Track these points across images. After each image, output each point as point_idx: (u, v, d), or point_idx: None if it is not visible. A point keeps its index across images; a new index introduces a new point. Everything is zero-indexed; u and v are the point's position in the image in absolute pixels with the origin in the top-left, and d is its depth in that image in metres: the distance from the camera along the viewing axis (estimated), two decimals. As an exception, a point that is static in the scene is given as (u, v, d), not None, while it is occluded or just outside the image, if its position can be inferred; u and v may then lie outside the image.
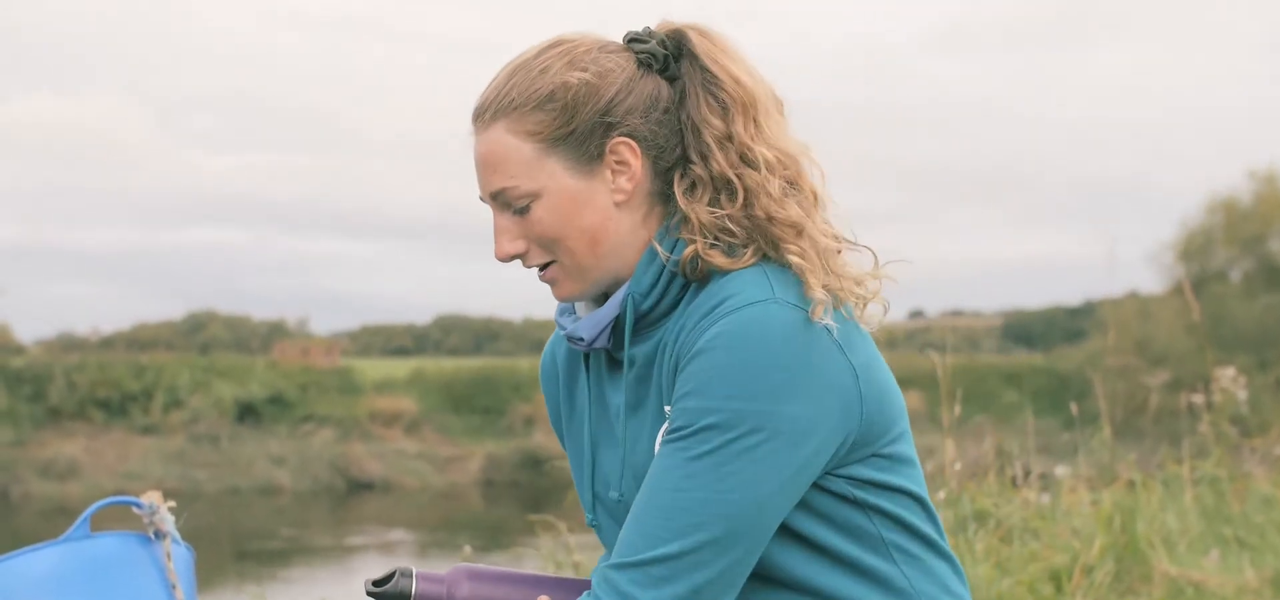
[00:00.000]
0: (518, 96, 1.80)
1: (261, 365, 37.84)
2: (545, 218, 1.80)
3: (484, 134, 1.82)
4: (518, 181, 1.80)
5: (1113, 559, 5.57)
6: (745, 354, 1.68)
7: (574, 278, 1.83)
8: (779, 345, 1.68)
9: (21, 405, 33.71)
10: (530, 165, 1.80)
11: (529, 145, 1.80)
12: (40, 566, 1.99)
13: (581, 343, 1.86)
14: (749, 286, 1.73)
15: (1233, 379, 6.97)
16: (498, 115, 1.81)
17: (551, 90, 1.79)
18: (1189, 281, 8.86)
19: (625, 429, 1.84)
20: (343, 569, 23.36)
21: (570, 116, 1.79)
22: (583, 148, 1.80)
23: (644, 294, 1.81)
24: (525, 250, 1.83)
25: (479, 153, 1.83)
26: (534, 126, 1.79)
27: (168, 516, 2.06)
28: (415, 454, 35.81)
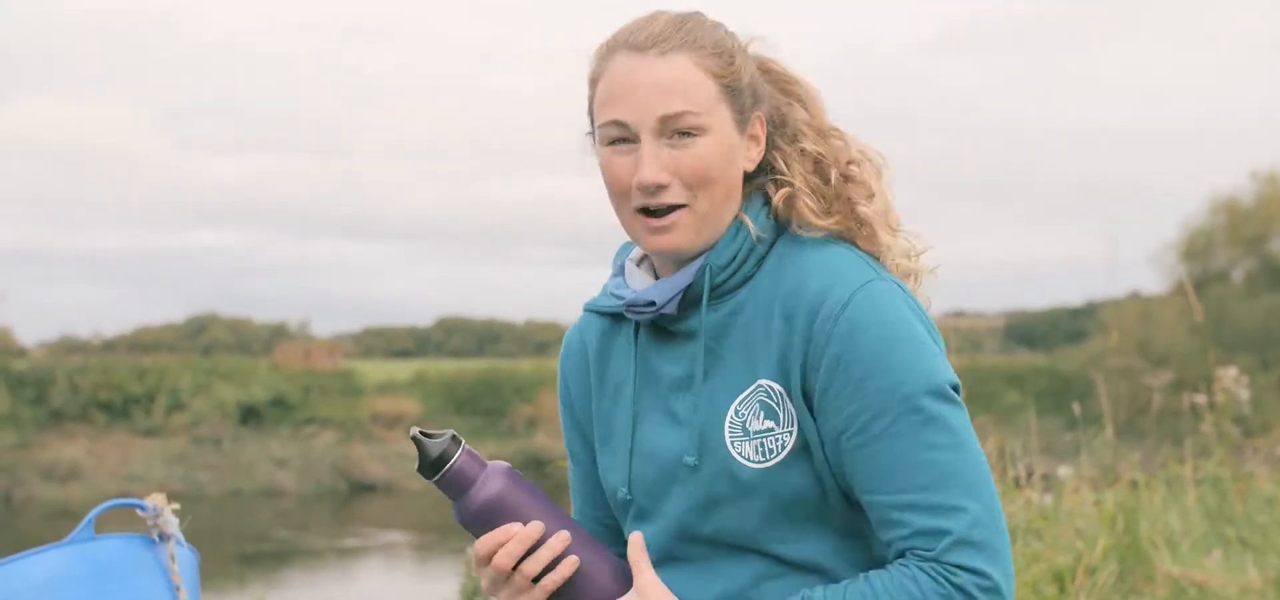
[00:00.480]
0: (699, 39, 1.86)
1: (264, 368, 37.87)
2: (707, 154, 1.84)
3: (663, 59, 1.84)
4: (698, 110, 1.84)
5: (1116, 559, 5.57)
6: (893, 327, 1.79)
7: (696, 228, 1.86)
8: (906, 313, 1.81)
9: (24, 408, 33.73)
10: (710, 101, 1.85)
11: (711, 83, 1.85)
12: (45, 569, 1.99)
13: (650, 308, 1.89)
14: (848, 265, 1.84)
15: (1235, 379, 6.96)
16: (682, 47, 1.85)
17: (729, 47, 1.88)
18: (1191, 282, 8.87)
19: (699, 396, 1.86)
20: (344, 571, 23.36)
21: (738, 76, 1.87)
22: (741, 109, 1.88)
23: (721, 266, 1.87)
24: (668, 183, 1.84)
25: (655, 74, 1.83)
26: (716, 69, 1.86)
27: (171, 519, 2.07)
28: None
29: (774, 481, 1.83)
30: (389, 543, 26.64)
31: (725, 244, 1.87)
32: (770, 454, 1.83)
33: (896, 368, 1.77)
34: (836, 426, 1.80)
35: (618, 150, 1.86)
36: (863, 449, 1.79)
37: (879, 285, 1.81)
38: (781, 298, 1.84)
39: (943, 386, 1.79)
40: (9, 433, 32.88)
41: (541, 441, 35.97)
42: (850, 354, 1.78)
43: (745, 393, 1.84)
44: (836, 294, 1.80)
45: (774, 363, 1.83)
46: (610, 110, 1.85)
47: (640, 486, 1.92)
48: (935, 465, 1.77)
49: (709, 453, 1.85)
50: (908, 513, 1.77)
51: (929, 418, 1.77)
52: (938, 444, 1.77)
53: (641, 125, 1.84)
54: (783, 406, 1.83)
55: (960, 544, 1.75)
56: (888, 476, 1.78)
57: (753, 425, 1.84)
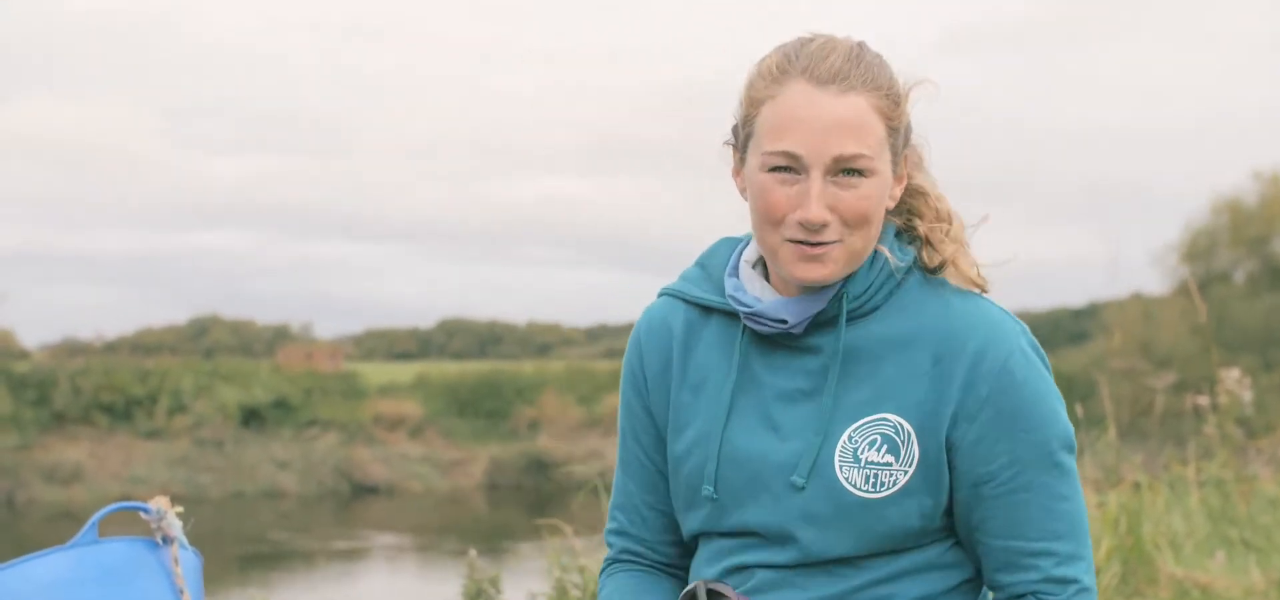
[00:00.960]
0: (876, 78, 1.87)
1: (266, 369, 37.88)
2: (870, 196, 1.85)
3: (845, 97, 1.84)
4: (871, 154, 1.85)
5: (1119, 561, 5.56)
6: (1045, 384, 1.91)
7: (845, 262, 1.87)
8: (1047, 373, 1.93)
9: (26, 410, 33.74)
10: (879, 144, 1.86)
11: (882, 126, 1.87)
12: (49, 572, 1.99)
13: (780, 325, 1.90)
14: (1000, 319, 1.92)
15: (1238, 380, 6.95)
16: (862, 87, 1.85)
17: (898, 91, 1.90)
18: (1193, 283, 8.85)
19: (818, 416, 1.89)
20: (346, 573, 23.37)
21: (902, 117, 1.90)
22: (896, 149, 1.90)
23: (856, 295, 1.90)
24: (830, 222, 1.85)
25: (835, 114, 1.83)
26: (887, 111, 1.87)
27: (175, 522, 2.06)
28: (419, 458, 35.83)
29: (875, 514, 1.87)
30: (391, 544, 26.64)
31: (862, 273, 1.90)
32: (882, 487, 1.87)
33: (1044, 424, 1.88)
34: (981, 474, 1.88)
35: (780, 178, 1.85)
36: (1006, 497, 1.89)
37: (1026, 341, 1.92)
38: (930, 340, 1.89)
39: (1072, 441, 1.92)
40: (11, 434, 32.89)
41: (544, 443, 35.98)
42: (1009, 409, 1.87)
43: (863, 421, 1.87)
44: (998, 350, 1.88)
45: (912, 402, 1.87)
46: (782, 140, 1.84)
47: (726, 488, 1.93)
48: (1066, 516, 1.90)
49: (816, 473, 1.87)
50: (1041, 559, 1.89)
51: (1064, 472, 1.90)
52: (1068, 496, 1.91)
53: (814, 162, 1.83)
54: (908, 445, 1.87)
55: (1083, 592, 1.91)
56: (1025, 524, 1.89)
57: (866, 455, 1.87)
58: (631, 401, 2.05)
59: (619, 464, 2.08)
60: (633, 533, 2.07)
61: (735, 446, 1.92)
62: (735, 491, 1.92)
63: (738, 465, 1.91)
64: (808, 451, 1.87)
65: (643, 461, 2.05)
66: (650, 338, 2.03)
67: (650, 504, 2.05)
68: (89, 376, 35.05)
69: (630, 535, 2.07)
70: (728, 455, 1.92)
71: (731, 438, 1.92)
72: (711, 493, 1.93)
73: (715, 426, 1.93)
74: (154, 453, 33.89)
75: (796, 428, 1.89)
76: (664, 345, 2.02)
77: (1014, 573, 1.90)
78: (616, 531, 2.09)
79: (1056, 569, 1.89)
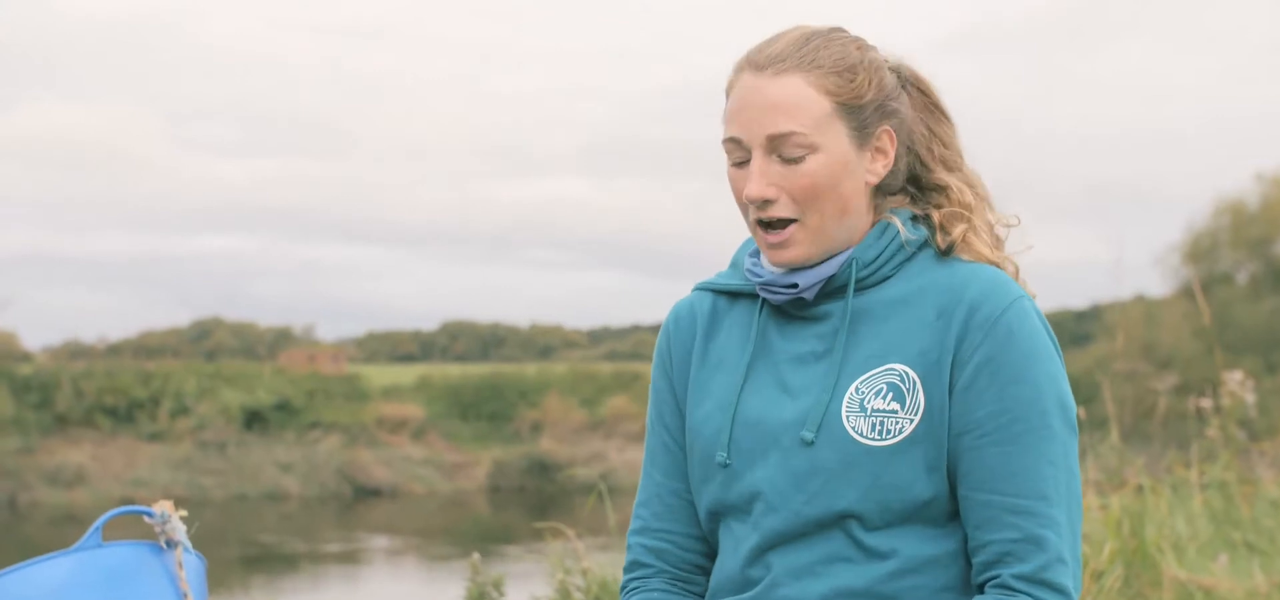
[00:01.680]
0: (819, 57, 1.94)
1: (268, 372, 37.90)
2: (817, 173, 1.92)
3: (777, 79, 1.93)
4: (806, 131, 1.92)
5: (1122, 564, 5.56)
6: (1043, 344, 1.91)
7: (809, 242, 1.94)
8: (1049, 338, 1.94)
9: (29, 413, 33.76)
10: (820, 121, 1.92)
11: (824, 102, 1.93)
12: (53, 576, 1.99)
13: (792, 289, 1.96)
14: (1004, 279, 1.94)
15: (1240, 383, 6.95)
16: (797, 67, 1.93)
17: (852, 63, 1.95)
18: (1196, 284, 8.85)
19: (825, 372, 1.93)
20: (349, 575, 23.37)
21: (860, 92, 1.95)
22: (862, 124, 1.95)
23: (867, 262, 1.95)
24: (776, 198, 1.93)
25: (766, 95, 1.92)
26: (832, 87, 1.93)
27: (180, 525, 2.06)
28: (422, 460, 35.84)
29: (881, 463, 1.89)
30: (394, 547, 26.64)
31: (872, 241, 1.96)
32: (887, 434, 1.89)
33: (1038, 380, 1.89)
34: (968, 422, 1.89)
35: (737, 168, 1.96)
36: (989, 448, 1.88)
37: (1030, 303, 1.94)
38: (934, 296, 1.93)
39: (1070, 410, 1.92)
40: (14, 437, 32.91)
41: (546, 446, 35.98)
42: (1000, 358, 1.88)
43: (871, 373, 1.91)
44: (995, 300, 1.90)
45: (916, 351, 1.91)
46: (729, 127, 1.96)
47: (738, 452, 1.97)
48: (1050, 479, 1.88)
49: (825, 427, 1.91)
50: (1020, 518, 1.87)
51: (1054, 435, 1.88)
52: (1056, 461, 1.88)
53: (752, 142, 1.93)
54: (913, 393, 1.90)
55: (1060, 562, 1.86)
56: (1005, 478, 1.88)
57: (872, 403, 1.90)
58: (660, 387, 2.11)
59: (646, 458, 2.12)
60: (657, 528, 2.08)
61: (748, 410, 1.97)
62: (747, 454, 1.96)
63: (750, 427, 1.96)
64: (816, 407, 1.92)
65: (669, 446, 2.08)
66: (677, 324, 2.11)
67: (677, 491, 2.08)
68: (91, 379, 35.07)
69: (655, 531, 2.08)
70: (741, 419, 1.97)
71: (745, 403, 1.98)
72: (725, 458, 1.97)
73: (731, 395, 1.99)
74: (156, 455, 33.90)
75: (806, 387, 1.94)
76: (688, 332, 2.09)
77: (991, 530, 1.88)
78: (640, 530, 2.10)
79: (1036, 529, 1.86)
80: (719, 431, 1.99)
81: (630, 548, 2.10)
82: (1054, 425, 1.88)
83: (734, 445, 1.97)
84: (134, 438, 34.41)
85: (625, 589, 2.10)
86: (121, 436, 34.32)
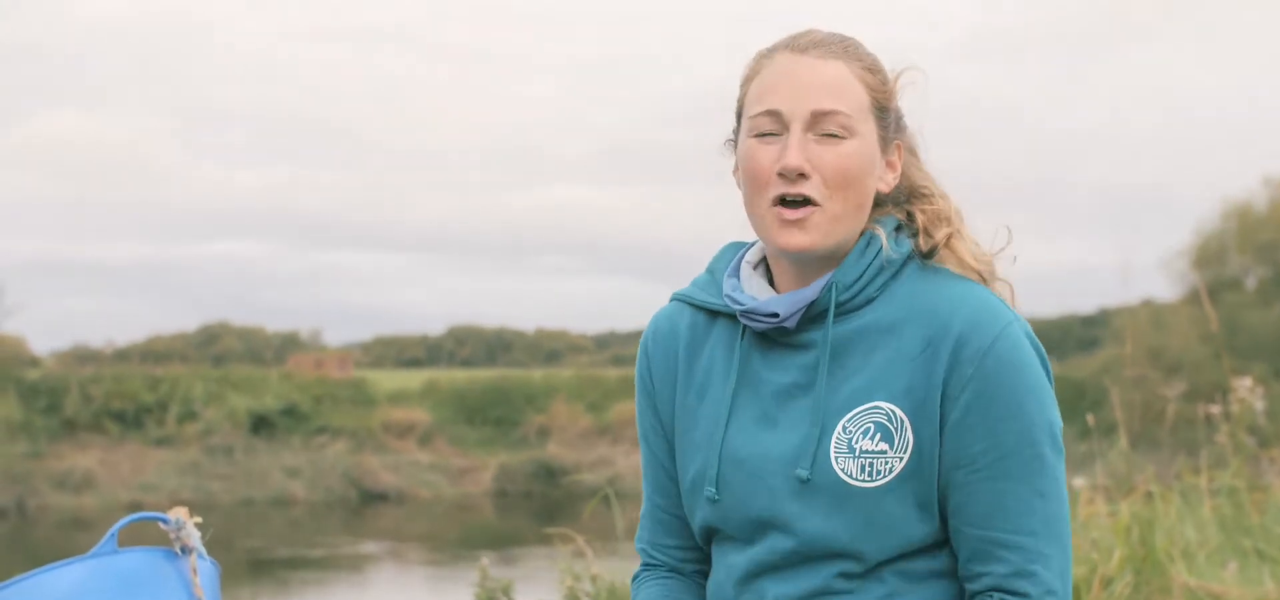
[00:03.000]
0: (860, 53, 1.95)
1: (275, 377, 37.92)
2: (851, 156, 1.90)
3: (827, 61, 1.92)
4: (851, 114, 1.90)
5: (1131, 571, 5.55)
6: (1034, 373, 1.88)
7: (825, 229, 1.90)
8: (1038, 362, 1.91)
9: (37, 417, 33.80)
10: (861, 109, 1.92)
11: (864, 95, 1.92)
12: (67, 582, 1.99)
13: (772, 319, 1.92)
14: (992, 302, 1.91)
15: (1250, 389, 6.95)
16: (843, 55, 1.93)
17: (884, 70, 1.96)
18: (1204, 290, 8.83)
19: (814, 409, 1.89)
20: (356, 580, 23.38)
21: (889, 97, 1.95)
22: (886, 130, 1.95)
23: (847, 284, 1.91)
24: (810, 174, 1.89)
25: (816, 72, 1.91)
26: (873, 84, 1.94)
27: (194, 532, 2.07)
28: (428, 465, 35.84)
29: (873, 503, 1.87)
30: (400, 552, 26.65)
31: (853, 261, 1.92)
32: (877, 475, 1.87)
33: (1029, 412, 1.86)
34: (960, 458, 1.87)
35: (765, 141, 1.91)
36: (982, 484, 1.87)
37: (1018, 328, 1.90)
38: (921, 324, 1.88)
39: (1058, 432, 1.89)
40: (22, 442, 32.94)
41: (553, 451, 35.97)
42: (990, 393, 1.85)
43: (857, 410, 1.88)
44: (985, 331, 1.87)
45: (902, 388, 1.87)
46: (765, 101, 1.91)
47: (727, 489, 1.95)
48: (1041, 512, 1.87)
49: (815, 466, 1.89)
50: (1011, 553, 1.86)
51: (1045, 466, 1.87)
52: (1047, 492, 1.87)
53: (794, 115, 1.89)
54: (901, 432, 1.87)
55: (1050, 594, 1.87)
56: (998, 514, 1.86)
57: (860, 444, 1.87)
58: (644, 407, 2.09)
59: (643, 471, 2.12)
60: (657, 541, 2.10)
61: (735, 447, 1.94)
62: (736, 491, 1.94)
63: (737, 465, 1.94)
64: (805, 445, 1.89)
65: (656, 467, 2.08)
66: (656, 343, 2.07)
67: (668, 509, 2.08)
68: (100, 384, 35.11)
69: (655, 544, 2.10)
70: (728, 456, 1.95)
71: (731, 439, 1.95)
72: (712, 494, 1.95)
73: (717, 429, 1.96)
74: (164, 460, 33.93)
75: (793, 422, 1.91)
76: (670, 350, 2.05)
77: (983, 563, 1.88)
78: (642, 542, 2.12)
79: (1027, 564, 1.86)
80: (706, 466, 1.97)
81: (639, 552, 2.13)
82: (1045, 455, 1.87)
83: (722, 482, 1.95)
84: (142, 443, 34.44)
85: (637, 579, 2.12)
86: (129, 441, 34.35)
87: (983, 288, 1.93)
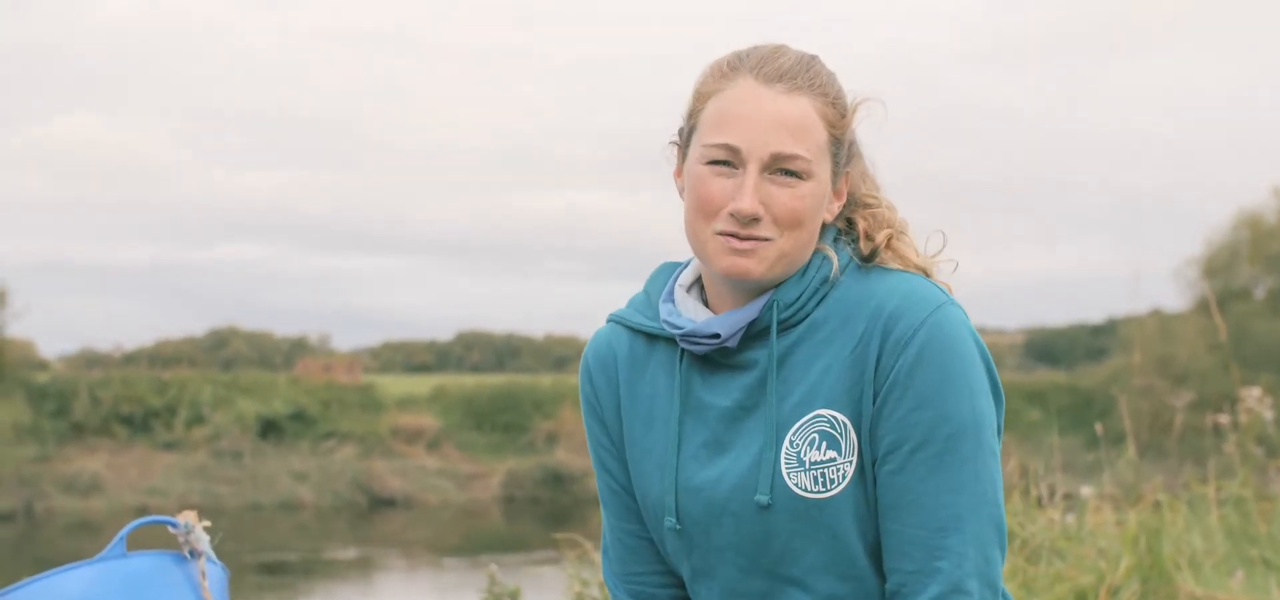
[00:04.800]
0: (824, 85, 1.88)
1: (284, 381, 37.95)
2: (805, 199, 1.84)
3: (794, 97, 1.85)
4: (810, 158, 1.85)
5: (1138, 579, 5.55)
6: (956, 358, 1.80)
7: (772, 261, 1.86)
8: (970, 344, 1.83)
9: (45, 421, 33.85)
10: (819, 149, 1.86)
11: (825, 133, 1.87)
12: (76, 585, 2.00)
13: (714, 340, 1.88)
14: (922, 287, 1.84)
15: (1259, 399, 6.94)
16: (809, 90, 1.86)
17: (845, 102, 1.90)
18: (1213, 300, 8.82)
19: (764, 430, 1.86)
20: (364, 585, 23.39)
21: (845, 130, 1.90)
22: (838, 162, 1.90)
23: (788, 304, 1.87)
24: (762, 217, 1.84)
25: (779, 111, 1.84)
26: (831, 119, 1.88)
27: (203, 536, 2.08)
28: (437, 470, 35.84)
29: (832, 513, 1.84)
30: (408, 557, 26.66)
31: (794, 282, 1.88)
32: (830, 484, 1.83)
33: (948, 401, 1.79)
34: (879, 450, 1.82)
35: (717, 171, 1.85)
36: (897, 474, 1.81)
37: (950, 310, 1.83)
38: (855, 322, 1.85)
39: (984, 430, 1.81)
40: (30, 445, 33.00)
41: (562, 457, 35.97)
42: (907, 381, 1.80)
43: (801, 422, 1.84)
44: (912, 315, 1.82)
45: (840, 392, 1.83)
46: (723, 132, 1.84)
47: (689, 519, 1.91)
48: (950, 507, 1.79)
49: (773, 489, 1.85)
50: (915, 548, 1.80)
51: (962, 459, 1.79)
52: (961, 486, 1.79)
53: (752, 155, 1.83)
54: (845, 436, 1.83)
55: (952, 592, 1.78)
56: (906, 508, 1.80)
57: (808, 455, 1.84)
58: (595, 431, 2.05)
59: (600, 500, 2.07)
60: (626, 571, 2.05)
61: (690, 477, 1.91)
62: (698, 521, 1.90)
63: (695, 494, 1.90)
64: (761, 467, 1.85)
65: (617, 490, 2.03)
66: (599, 366, 2.03)
67: (634, 533, 2.03)
68: (108, 388, 35.16)
69: (627, 575, 2.05)
70: (684, 486, 1.91)
71: (685, 469, 1.91)
72: (674, 524, 1.92)
73: (669, 459, 1.92)
74: (172, 464, 33.97)
75: (744, 445, 1.87)
76: (610, 376, 2.02)
77: (892, 558, 1.82)
78: (612, 573, 2.06)
79: (931, 560, 1.78)
80: (664, 496, 1.93)
81: (611, 591, 2.07)
82: (963, 448, 1.79)
83: (683, 513, 1.91)
84: (150, 446, 34.48)
85: None
86: (137, 445, 34.39)
87: (919, 276, 1.88)
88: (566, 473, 34.99)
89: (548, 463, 35.80)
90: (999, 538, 1.82)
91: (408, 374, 45.91)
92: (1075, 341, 44.23)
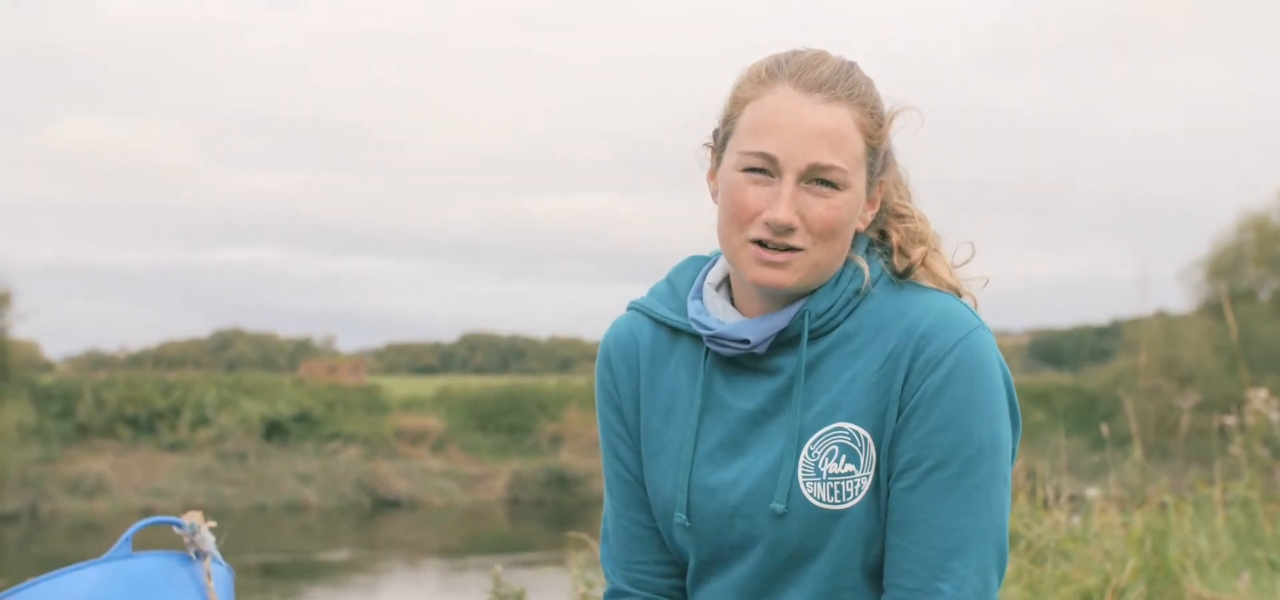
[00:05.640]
0: (862, 95, 1.87)
1: (288, 383, 37.98)
2: (840, 209, 1.84)
3: (832, 107, 1.84)
4: (847, 169, 1.84)
5: (1144, 581, 5.54)
6: (982, 384, 1.82)
7: (804, 272, 1.85)
8: (997, 371, 1.85)
9: (50, 422, 33.89)
10: (856, 160, 1.86)
11: (862, 143, 1.86)
12: (82, 586, 2.00)
13: (743, 345, 1.88)
14: (954, 309, 1.85)
15: (1265, 400, 6.94)
16: (848, 100, 1.85)
17: (882, 111, 1.89)
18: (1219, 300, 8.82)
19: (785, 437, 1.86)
20: (369, 586, 23.40)
21: (882, 139, 1.89)
22: (873, 171, 1.89)
23: (819, 313, 1.87)
24: (798, 227, 1.83)
25: (818, 121, 1.83)
26: (868, 129, 1.87)
27: (208, 536, 2.08)
28: (441, 472, 35.85)
29: (845, 523, 1.84)
30: (412, 559, 26.67)
31: (826, 291, 1.88)
32: (847, 497, 1.84)
33: (970, 425, 1.80)
34: (896, 466, 1.83)
35: (754, 179, 1.84)
36: (911, 492, 1.82)
37: (981, 335, 1.85)
38: (886, 337, 1.85)
39: (1000, 457, 1.82)
40: (35, 447, 33.03)
41: (566, 458, 35.98)
42: (933, 402, 1.81)
43: (821, 433, 1.84)
44: (942, 340, 1.83)
45: (863, 407, 1.84)
46: (760, 141, 1.83)
47: (700, 517, 1.91)
48: (958, 531, 1.80)
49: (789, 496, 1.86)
50: (919, 566, 1.81)
51: (976, 484, 1.81)
52: (972, 510, 1.81)
53: (789, 166, 1.82)
54: (865, 450, 1.84)
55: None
56: (915, 526, 1.81)
57: (826, 467, 1.84)
58: (609, 418, 2.04)
59: (606, 486, 2.06)
60: (627, 559, 2.04)
61: (704, 476, 1.91)
62: (708, 520, 1.91)
63: (708, 494, 1.90)
64: (779, 474, 1.85)
65: (627, 478, 2.02)
66: (619, 354, 2.02)
67: (640, 522, 2.03)
68: (112, 389, 35.20)
69: (626, 562, 2.04)
70: (697, 485, 1.91)
71: (700, 467, 1.91)
72: (684, 521, 1.92)
73: (684, 456, 1.92)
74: (177, 466, 34.00)
75: (762, 449, 1.87)
76: (631, 362, 2.01)
77: (893, 574, 1.83)
78: (610, 559, 2.06)
79: (933, 581, 1.80)
80: (676, 492, 1.93)
81: (608, 576, 2.06)
82: (977, 473, 1.80)
83: (693, 511, 1.91)
84: (154, 448, 34.51)
85: None
86: (142, 446, 34.42)
87: (951, 296, 1.89)
88: (571, 474, 35.00)
89: (552, 464, 35.80)
90: (1000, 564, 1.83)
91: (412, 376, 45.94)
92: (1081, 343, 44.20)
